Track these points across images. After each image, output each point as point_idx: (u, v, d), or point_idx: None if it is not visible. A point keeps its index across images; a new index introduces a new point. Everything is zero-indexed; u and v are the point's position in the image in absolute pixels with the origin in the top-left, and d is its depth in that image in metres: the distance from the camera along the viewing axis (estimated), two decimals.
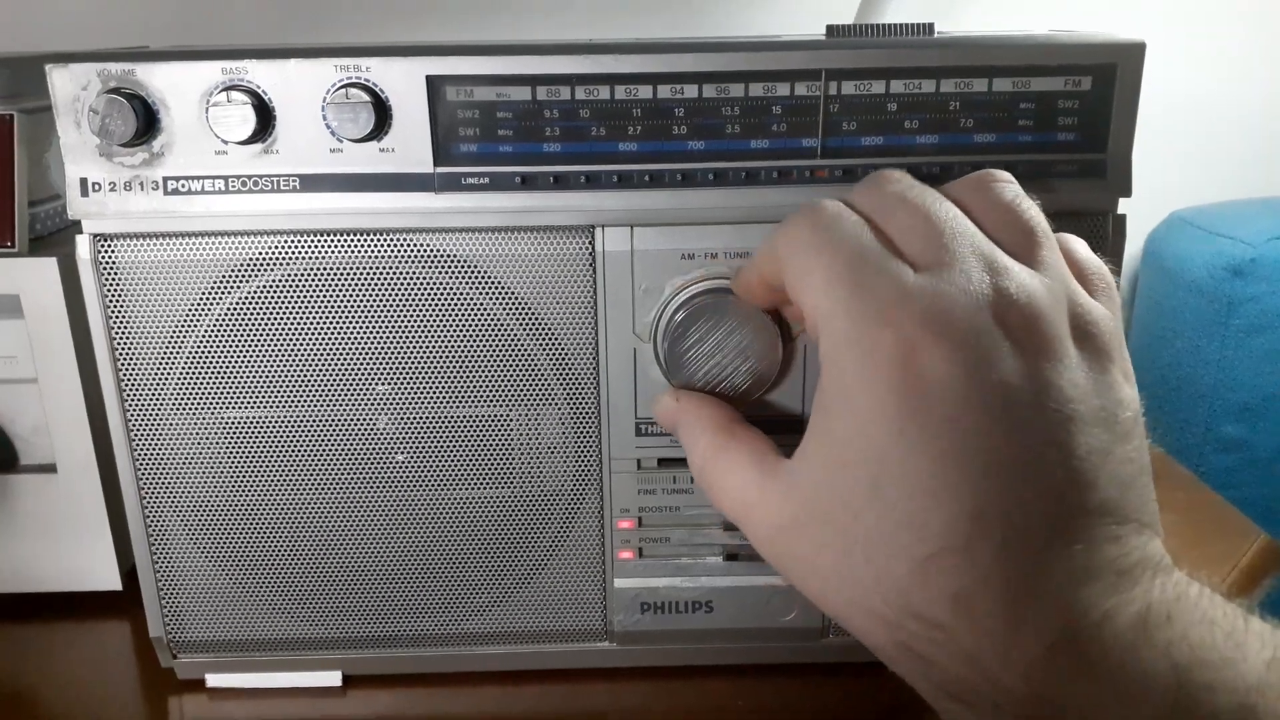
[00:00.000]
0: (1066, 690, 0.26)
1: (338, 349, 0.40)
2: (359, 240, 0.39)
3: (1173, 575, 0.28)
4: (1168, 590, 0.27)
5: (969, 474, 0.27)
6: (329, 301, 0.40)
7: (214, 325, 0.40)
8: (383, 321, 0.40)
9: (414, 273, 0.40)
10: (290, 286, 0.40)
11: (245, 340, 0.40)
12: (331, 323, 0.40)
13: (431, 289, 0.40)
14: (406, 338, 0.40)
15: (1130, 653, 0.26)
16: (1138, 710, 0.25)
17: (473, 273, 0.40)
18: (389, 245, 0.39)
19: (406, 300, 0.40)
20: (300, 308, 0.40)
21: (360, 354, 0.40)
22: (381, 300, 0.40)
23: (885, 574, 0.28)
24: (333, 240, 0.39)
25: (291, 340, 0.40)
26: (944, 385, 0.27)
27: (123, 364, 0.41)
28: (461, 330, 0.40)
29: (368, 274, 0.40)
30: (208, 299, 0.40)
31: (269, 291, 0.40)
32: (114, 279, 0.40)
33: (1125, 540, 0.27)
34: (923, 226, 0.30)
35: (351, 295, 0.40)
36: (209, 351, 0.40)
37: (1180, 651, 0.26)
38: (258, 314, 0.40)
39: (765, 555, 0.32)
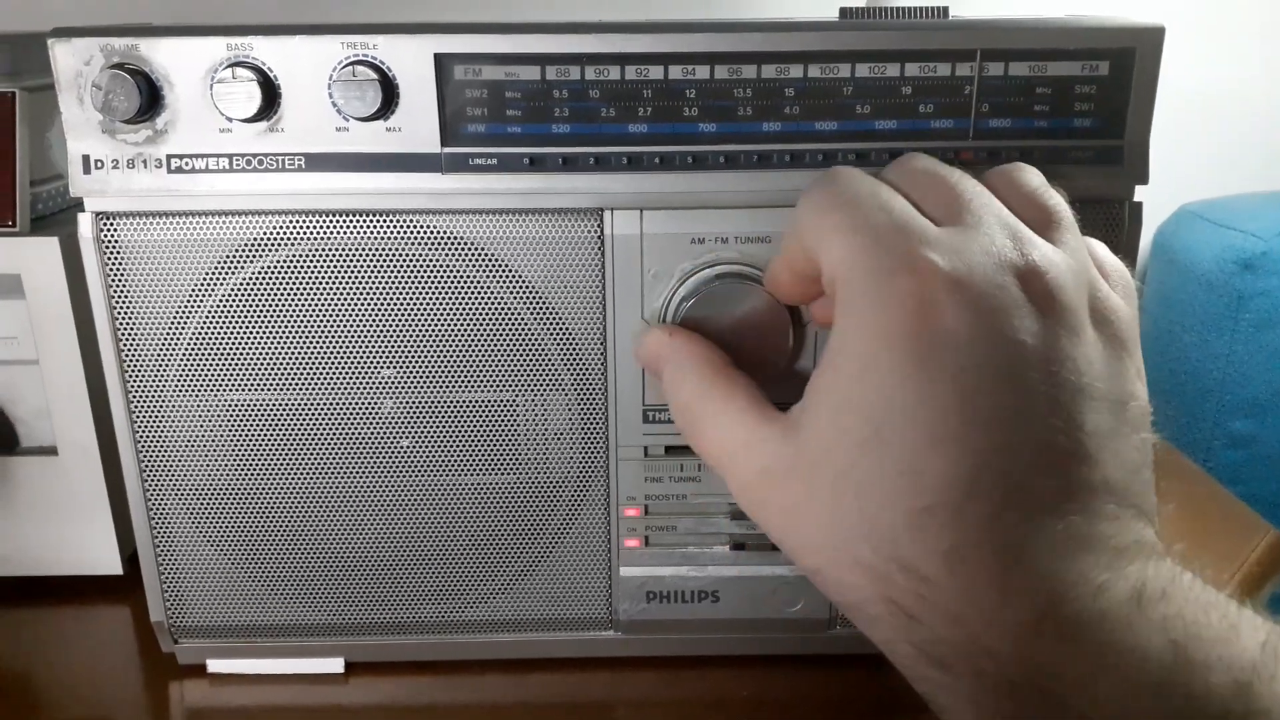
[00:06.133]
0: (1056, 659, 0.25)
1: (343, 332, 0.40)
2: (364, 221, 0.39)
3: (1165, 562, 0.27)
4: (1162, 571, 0.27)
5: (973, 429, 0.26)
6: (334, 283, 0.39)
7: (217, 306, 0.39)
8: (388, 304, 0.40)
9: (420, 255, 0.39)
10: (295, 267, 0.39)
11: (249, 322, 0.40)
12: (336, 305, 0.40)
13: (437, 271, 0.39)
14: (412, 321, 0.40)
15: (1124, 625, 0.25)
16: (1132, 682, 0.25)
17: (479, 255, 0.39)
18: (395, 226, 0.39)
19: (412, 282, 0.39)
20: (305, 289, 0.39)
21: (365, 337, 0.40)
22: (387, 282, 0.39)
23: (877, 522, 0.27)
24: (338, 221, 0.39)
25: (296, 322, 0.40)
26: (959, 337, 0.27)
27: (125, 345, 0.40)
28: (468, 314, 0.40)
29: (373, 255, 0.39)
30: (211, 279, 0.39)
31: (273, 272, 0.39)
32: (116, 258, 0.39)
33: (1123, 521, 0.27)
34: (947, 194, 0.29)
35: (357, 277, 0.39)
36: (212, 333, 0.40)
37: (1175, 627, 0.25)
38: (261, 295, 0.39)
39: (745, 502, 0.31)
